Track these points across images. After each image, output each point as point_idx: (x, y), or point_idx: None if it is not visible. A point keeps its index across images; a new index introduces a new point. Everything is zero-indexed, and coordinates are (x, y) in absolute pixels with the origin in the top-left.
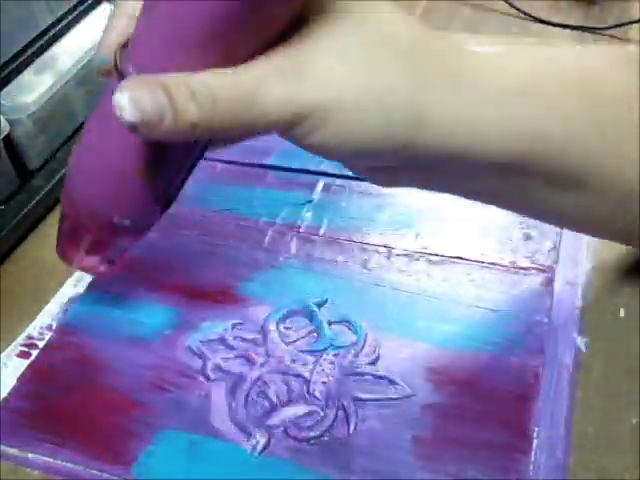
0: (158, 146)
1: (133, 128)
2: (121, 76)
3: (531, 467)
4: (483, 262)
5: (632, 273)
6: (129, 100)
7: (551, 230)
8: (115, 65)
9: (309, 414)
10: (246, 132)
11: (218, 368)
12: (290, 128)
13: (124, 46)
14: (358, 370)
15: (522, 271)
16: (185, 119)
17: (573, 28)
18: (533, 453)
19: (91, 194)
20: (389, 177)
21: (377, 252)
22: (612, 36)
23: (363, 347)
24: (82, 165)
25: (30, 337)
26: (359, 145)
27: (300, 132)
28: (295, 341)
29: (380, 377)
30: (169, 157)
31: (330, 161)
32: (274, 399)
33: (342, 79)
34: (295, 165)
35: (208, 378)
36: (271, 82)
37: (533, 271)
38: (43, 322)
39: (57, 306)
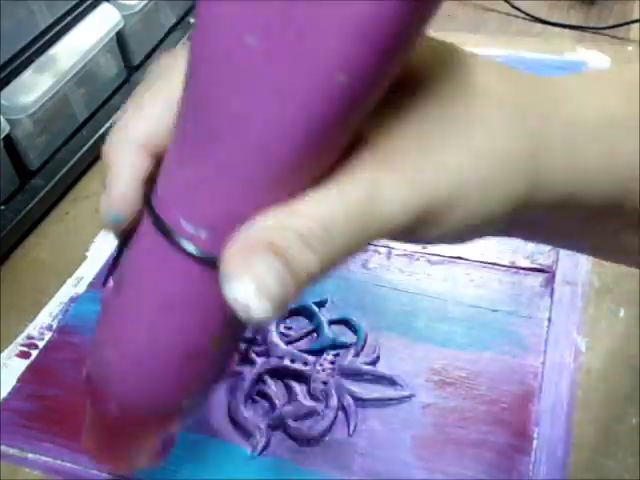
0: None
1: (266, 321)
2: (168, 235)
3: (531, 467)
4: (483, 262)
5: None
6: (256, 293)
7: None
8: (157, 220)
9: (309, 414)
10: (361, 251)
11: None
12: (410, 231)
13: (146, 192)
14: (358, 370)
15: (522, 271)
16: (305, 275)
17: (573, 28)
18: (533, 453)
19: (144, 389)
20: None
21: (377, 252)
22: (612, 36)
23: (363, 347)
24: (123, 358)
25: (30, 337)
26: (480, 225)
27: (419, 231)
28: (295, 341)
29: (380, 377)
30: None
31: None
32: (274, 399)
33: (462, 163)
34: None
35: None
36: (386, 185)
37: (533, 271)
38: (43, 322)
39: (57, 306)
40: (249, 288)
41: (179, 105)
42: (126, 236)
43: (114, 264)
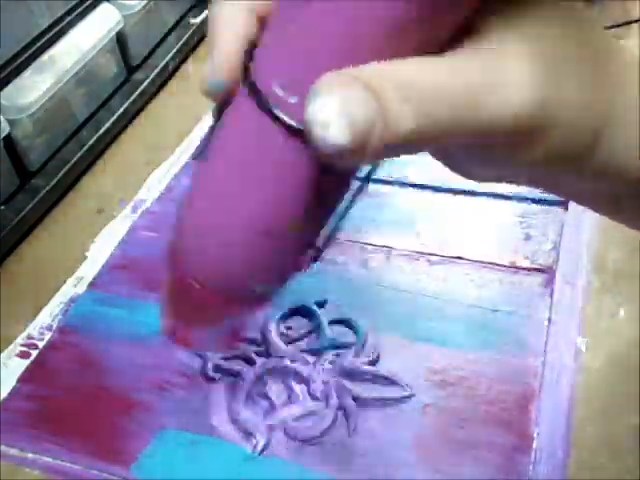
0: (318, 185)
1: (337, 154)
2: (260, 101)
3: (531, 467)
4: (483, 262)
5: None
6: (339, 109)
7: (551, 230)
8: (251, 87)
9: (309, 414)
10: (462, 141)
11: (218, 368)
12: (515, 138)
13: (246, 59)
14: (358, 370)
15: (522, 271)
16: (399, 129)
17: None
18: (533, 453)
19: (222, 262)
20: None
21: (377, 252)
22: (612, 36)
23: (363, 347)
24: (205, 230)
25: (30, 337)
26: (565, 158)
27: (524, 144)
28: (295, 341)
29: (380, 377)
30: (327, 196)
31: None
32: (274, 399)
33: (579, 88)
34: None
35: (208, 378)
36: (515, 76)
37: (533, 271)
38: (43, 322)
39: (57, 306)
40: (334, 105)
41: None
42: (221, 111)
43: (206, 140)
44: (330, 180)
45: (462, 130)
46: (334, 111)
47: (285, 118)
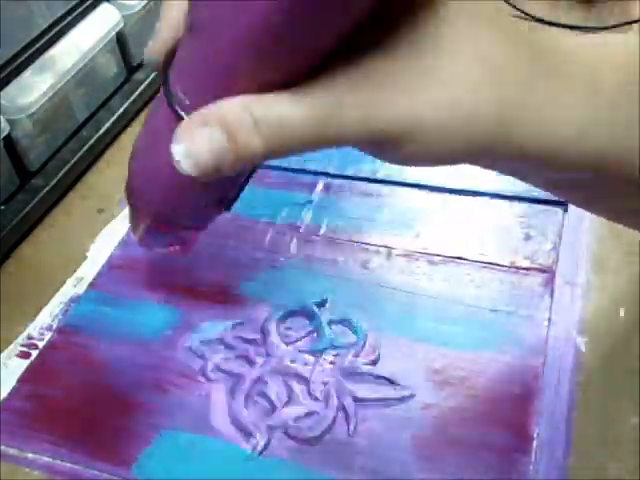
0: None
1: (196, 177)
2: (169, 97)
3: (531, 467)
4: (483, 262)
5: None
6: (185, 154)
7: (551, 230)
8: (163, 82)
9: (309, 414)
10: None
11: (218, 368)
12: (368, 150)
13: (171, 55)
14: (358, 370)
15: (522, 271)
16: (247, 153)
17: (573, 28)
18: (533, 453)
19: (147, 192)
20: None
21: (377, 252)
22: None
23: (363, 347)
24: (138, 163)
25: (30, 337)
26: (440, 158)
27: (378, 153)
28: (295, 341)
29: (380, 377)
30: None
31: (330, 162)
32: (274, 399)
33: (420, 109)
34: (295, 165)
35: (208, 378)
36: (347, 102)
37: (533, 271)
38: (43, 322)
39: (57, 306)
40: (181, 150)
41: None
42: (163, 81)
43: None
44: None
45: (309, 147)
46: (181, 154)
47: (181, 113)
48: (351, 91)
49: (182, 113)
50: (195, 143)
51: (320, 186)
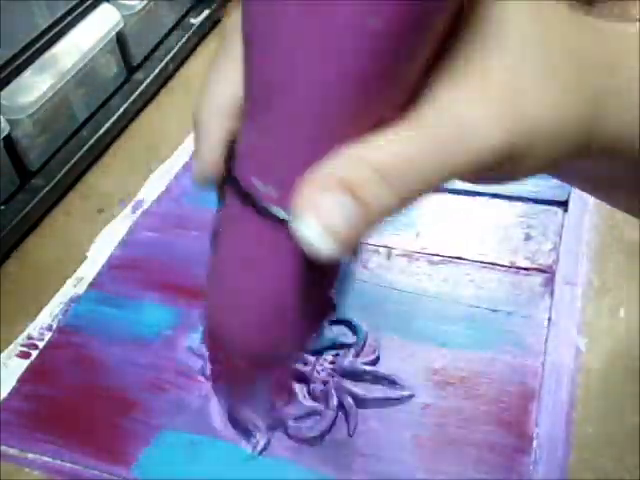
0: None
1: (330, 257)
2: (250, 199)
3: (531, 467)
4: (483, 262)
5: None
6: (321, 230)
7: (551, 230)
8: (235, 184)
9: (309, 414)
10: (440, 186)
11: None
12: (491, 169)
13: (228, 156)
14: (358, 370)
15: (522, 271)
16: (379, 211)
17: None
18: (533, 453)
19: (240, 330)
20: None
21: (377, 252)
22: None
23: (363, 347)
24: (223, 299)
25: (30, 337)
26: (545, 167)
27: (499, 172)
28: None
29: (380, 377)
30: (328, 271)
31: None
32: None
33: (534, 97)
34: None
35: (208, 378)
36: (472, 122)
37: (533, 271)
38: (43, 322)
39: (57, 306)
40: (313, 227)
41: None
42: (219, 200)
43: (215, 230)
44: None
45: (438, 182)
46: (315, 232)
47: (268, 208)
48: (471, 99)
49: (273, 209)
50: (326, 214)
51: None
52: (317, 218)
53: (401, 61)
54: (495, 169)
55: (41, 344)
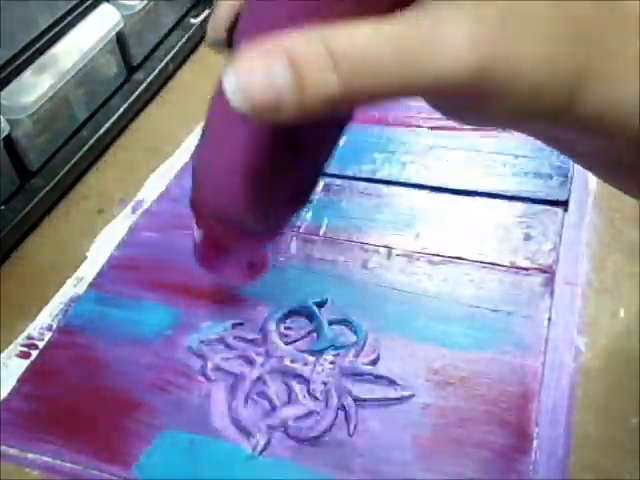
0: (286, 133)
1: (247, 115)
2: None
3: (531, 467)
4: (483, 262)
5: None
6: (236, 86)
7: (551, 230)
8: (227, 44)
9: (309, 414)
10: (395, 97)
11: (218, 368)
12: (466, 98)
13: (234, 25)
14: (358, 370)
15: (522, 271)
16: (317, 94)
17: None
18: (533, 453)
19: (215, 192)
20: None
21: (377, 252)
22: None
23: (363, 347)
24: (204, 161)
25: (30, 337)
26: (521, 114)
27: (480, 101)
28: (295, 341)
29: (380, 377)
30: (300, 144)
31: (330, 161)
32: (274, 399)
33: (533, 34)
34: None
35: (208, 378)
36: (455, 36)
37: (533, 271)
38: (43, 322)
39: (57, 306)
40: (232, 79)
41: None
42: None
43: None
44: (300, 131)
45: (399, 91)
46: (232, 86)
47: None
48: (460, 15)
49: None
50: (251, 74)
51: (320, 186)
52: (237, 71)
53: None
54: (462, 97)
55: (41, 344)
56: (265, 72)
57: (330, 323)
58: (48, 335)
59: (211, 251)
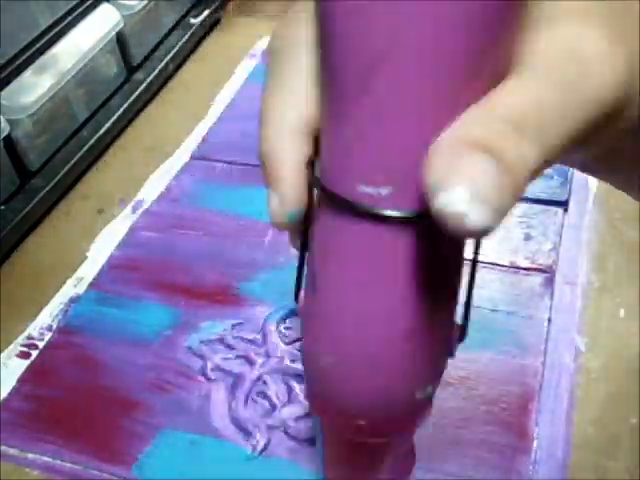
0: (440, 265)
1: (482, 234)
2: (351, 208)
3: (531, 467)
4: (483, 262)
5: None
6: (471, 195)
7: (551, 230)
8: (336, 201)
9: (309, 414)
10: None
11: (218, 368)
12: (608, 116)
13: (311, 177)
14: None
15: (522, 271)
16: (523, 172)
17: None
18: (533, 453)
19: (378, 386)
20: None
21: None
22: None
23: None
24: (346, 363)
25: (30, 337)
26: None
27: (613, 121)
28: (295, 341)
29: None
30: (451, 272)
31: None
32: (274, 399)
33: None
34: None
35: (208, 378)
36: (591, 40)
37: (533, 271)
38: (43, 322)
39: (57, 306)
40: (463, 194)
41: (319, 70)
42: (304, 240)
43: (300, 272)
44: (454, 253)
45: (576, 132)
46: (466, 199)
47: (390, 213)
48: (583, 21)
49: (392, 211)
50: (473, 180)
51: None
52: (464, 181)
53: (508, 23)
54: (610, 117)
55: (41, 344)
56: (485, 172)
57: None
58: (48, 335)
59: (365, 465)
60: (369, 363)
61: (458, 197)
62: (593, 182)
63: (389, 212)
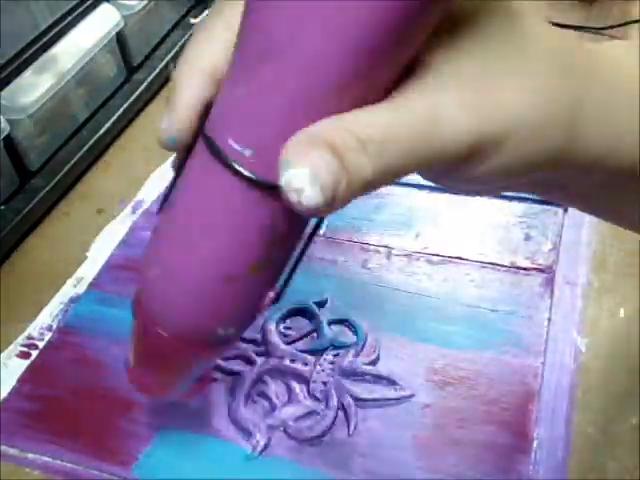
0: (276, 230)
1: (313, 212)
2: (221, 157)
3: (531, 467)
4: (483, 262)
5: None
6: (311, 177)
7: (551, 230)
8: (208, 141)
9: (309, 414)
10: (415, 172)
11: (218, 368)
12: (460, 161)
13: (204, 115)
14: (358, 370)
15: (522, 271)
16: (357, 179)
17: (573, 28)
18: (533, 453)
19: (185, 309)
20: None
21: (377, 252)
22: (612, 36)
23: (363, 347)
24: (167, 278)
25: (30, 337)
26: (529, 166)
27: (467, 164)
28: (295, 341)
29: (380, 377)
30: (284, 239)
31: None
32: (274, 399)
33: (521, 99)
34: None
35: (208, 378)
36: (450, 107)
37: (533, 271)
38: (43, 322)
39: (57, 306)
40: (304, 173)
41: (238, 31)
42: (181, 165)
43: (168, 191)
44: (287, 225)
45: (414, 166)
46: (306, 179)
47: (243, 170)
48: (448, 89)
49: (246, 171)
50: (317, 165)
51: None
52: (307, 169)
53: (399, 42)
54: (465, 161)
55: (41, 344)
56: (327, 164)
57: (330, 323)
58: (48, 335)
59: (156, 368)
60: (186, 289)
61: (301, 175)
62: None
63: (244, 171)
